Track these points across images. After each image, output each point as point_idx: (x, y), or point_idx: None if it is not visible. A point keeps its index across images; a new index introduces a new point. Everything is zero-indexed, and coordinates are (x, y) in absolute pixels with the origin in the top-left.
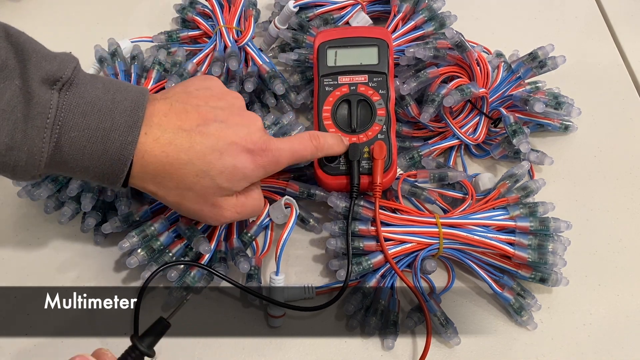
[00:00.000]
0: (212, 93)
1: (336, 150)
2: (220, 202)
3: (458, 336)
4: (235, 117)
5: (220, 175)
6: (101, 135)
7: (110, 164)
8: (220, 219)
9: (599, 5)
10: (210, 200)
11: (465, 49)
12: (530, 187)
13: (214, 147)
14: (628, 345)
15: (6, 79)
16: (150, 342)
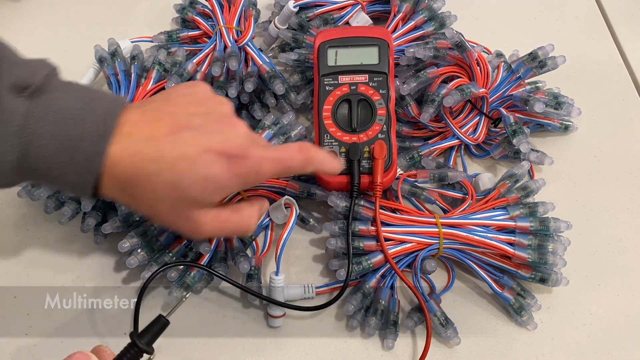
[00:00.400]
0: (193, 99)
1: (328, 168)
2: (196, 215)
3: (458, 336)
4: (214, 124)
5: (192, 187)
6: (70, 144)
7: (79, 174)
8: (198, 234)
9: (599, 5)
10: (184, 213)
11: (465, 49)
12: (530, 187)
13: (185, 156)
14: (628, 345)
15: None
16: (150, 339)
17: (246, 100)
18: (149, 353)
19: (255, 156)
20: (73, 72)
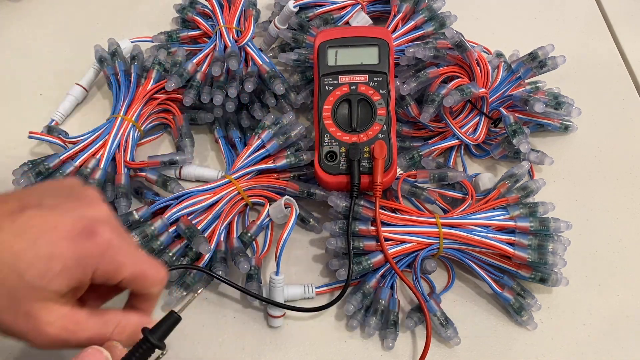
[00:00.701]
0: (57, 185)
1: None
2: (37, 311)
3: (458, 336)
4: (70, 203)
5: (30, 269)
6: None
7: None
8: (39, 338)
9: (599, 5)
10: (23, 307)
11: (465, 49)
12: (530, 187)
13: (25, 234)
14: (628, 345)
15: None
16: (161, 335)
17: (246, 100)
18: (161, 349)
19: (107, 238)
20: (73, 72)
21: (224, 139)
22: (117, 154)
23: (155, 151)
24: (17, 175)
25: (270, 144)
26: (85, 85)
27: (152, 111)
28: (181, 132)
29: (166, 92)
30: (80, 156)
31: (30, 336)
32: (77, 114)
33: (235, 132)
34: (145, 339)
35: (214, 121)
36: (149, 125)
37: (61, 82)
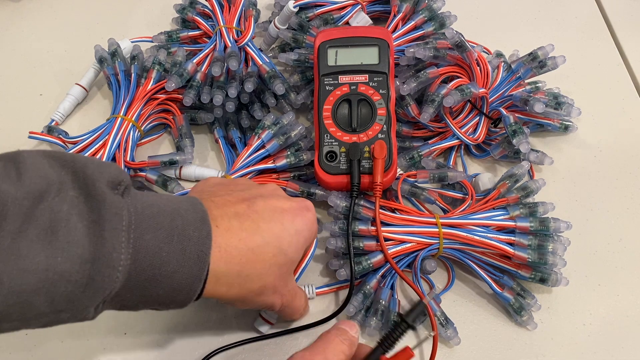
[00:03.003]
0: (229, 183)
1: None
2: (292, 281)
3: (458, 336)
4: (260, 189)
5: (290, 246)
6: (176, 233)
7: (191, 265)
8: (294, 303)
9: (599, 5)
10: (286, 280)
11: (465, 49)
12: (530, 187)
13: (272, 219)
14: (628, 345)
15: (60, 193)
16: (414, 318)
17: (246, 100)
18: (414, 329)
19: (313, 211)
20: (73, 72)
21: (224, 139)
22: (117, 154)
23: (155, 151)
24: None
25: (270, 144)
26: (85, 85)
27: (152, 111)
28: (181, 132)
29: (166, 92)
30: None
31: (277, 305)
32: (77, 114)
33: (235, 132)
34: (403, 320)
35: (214, 121)
36: (149, 125)
37: (61, 82)
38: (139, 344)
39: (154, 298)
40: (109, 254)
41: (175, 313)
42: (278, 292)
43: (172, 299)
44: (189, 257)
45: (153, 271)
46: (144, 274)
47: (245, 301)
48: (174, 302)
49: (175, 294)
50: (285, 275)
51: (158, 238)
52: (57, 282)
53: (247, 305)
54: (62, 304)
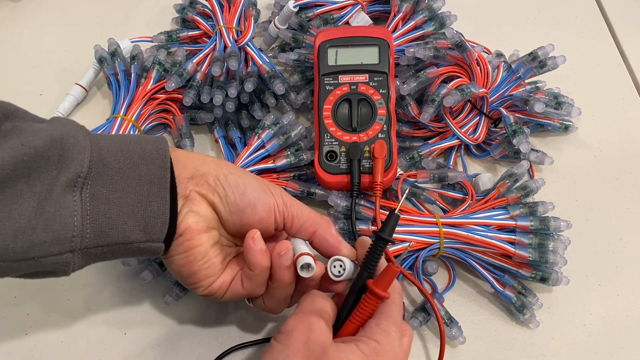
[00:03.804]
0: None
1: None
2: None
3: (463, 335)
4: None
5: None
6: (134, 141)
7: (151, 161)
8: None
9: (599, 5)
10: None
11: (465, 49)
12: (530, 186)
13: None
14: (628, 345)
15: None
16: (389, 232)
17: (246, 100)
18: (393, 242)
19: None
20: (73, 72)
21: (224, 139)
22: None
23: None
24: None
25: (270, 143)
26: (85, 85)
27: (152, 111)
28: (181, 132)
29: (166, 92)
30: None
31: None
32: (77, 114)
33: (235, 132)
34: (378, 237)
35: (214, 121)
36: (149, 125)
37: (61, 82)
38: (139, 344)
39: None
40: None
41: (175, 313)
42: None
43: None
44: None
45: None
46: (107, 173)
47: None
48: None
49: (147, 168)
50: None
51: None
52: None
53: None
54: (38, 185)
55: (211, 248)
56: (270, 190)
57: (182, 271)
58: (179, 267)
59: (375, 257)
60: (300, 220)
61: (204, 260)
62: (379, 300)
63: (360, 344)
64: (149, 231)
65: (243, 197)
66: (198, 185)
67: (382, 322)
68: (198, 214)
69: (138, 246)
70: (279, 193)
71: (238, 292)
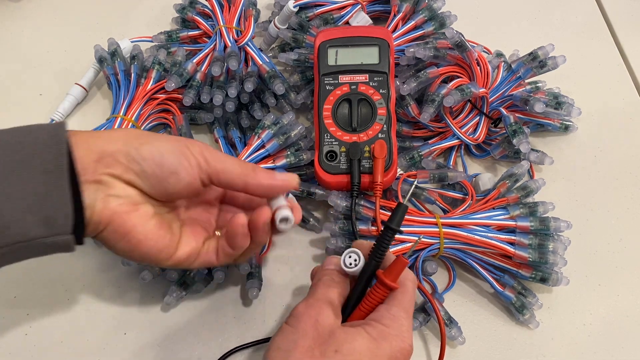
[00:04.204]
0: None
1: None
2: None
3: (462, 335)
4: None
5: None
6: (28, 131)
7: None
8: None
9: (599, 5)
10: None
11: (465, 49)
12: (530, 186)
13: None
14: (628, 345)
15: None
16: (397, 222)
17: (246, 100)
18: (401, 232)
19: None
20: (73, 72)
21: (224, 139)
22: None
23: None
24: None
25: (270, 143)
26: (85, 85)
27: (152, 111)
28: (181, 132)
29: (166, 92)
30: None
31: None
32: (77, 114)
33: (235, 132)
34: (387, 227)
35: (214, 121)
36: (149, 125)
37: (61, 82)
38: (139, 344)
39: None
40: None
41: (176, 314)
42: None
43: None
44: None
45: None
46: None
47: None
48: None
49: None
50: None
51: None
52: None
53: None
54: None
55: (150, 222)
56: (189, 149)
57: (134, 255)
58: (129, 252)
59: (383, 246)
60: (227, 176)
61: (149, 237)
62: (388, 290)
63: (368, 327)
64: (52, 225)
65: (162, 168)
66: (109, 167)
67: (392, 308)
68: (118, 196)
69: (42, 242)
70: (198, 150)
71: (210, 263)
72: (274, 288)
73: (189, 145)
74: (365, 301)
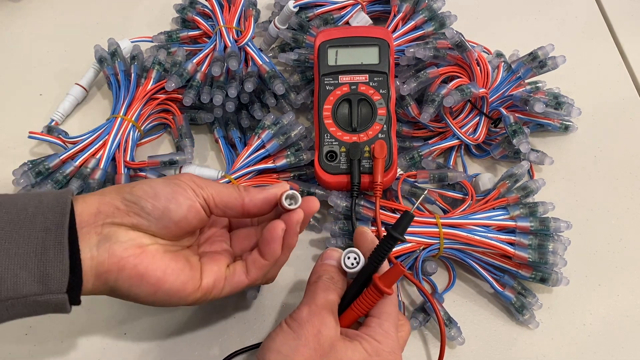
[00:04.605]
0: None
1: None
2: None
3: (462, 336)
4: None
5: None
6: (33, 195)
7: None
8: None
9: (599, 5)
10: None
11: (465, 49)
12: (530, 187)
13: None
14: (628, 345)
15: None
16: (401, 230)
17: (246, 100)
18: (403, 240)
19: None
20: (73, 72)
21: (224, 139)
22: (117, 154)
23: (155, 151)
24: (17, 175)
25: (270, 144)
26: (85, 85)
27: (152, 111)
28: (181, 132)
29: (166, 92)
30: (80, 156)
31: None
32: (77, 114)
33: (235, 132)
34: (389, 234)
35: (214, 121)
36: (149, 125)
37: (61, 82)
38: (139, 344)
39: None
40: None
41: (175, 313)
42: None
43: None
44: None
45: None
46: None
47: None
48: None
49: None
50: None
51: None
52: None
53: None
54: None
55: (163, 259)
56: (178, 178)
57: (160, 296)
58: (153, 295)
59: (384, 253)
60: (223, 199)
61: (167, 272)
62: (381, 295)
63: (365, 343)
64: (47, 282)
65: (159, 199)
66: (109, 217)
67: (384, 323)
68: (123, 241)
69: (35, 300)
70: (187, 177)
71: (241, 284)
72: (273, 288)
73: (177, 176)
74: (357, 303)
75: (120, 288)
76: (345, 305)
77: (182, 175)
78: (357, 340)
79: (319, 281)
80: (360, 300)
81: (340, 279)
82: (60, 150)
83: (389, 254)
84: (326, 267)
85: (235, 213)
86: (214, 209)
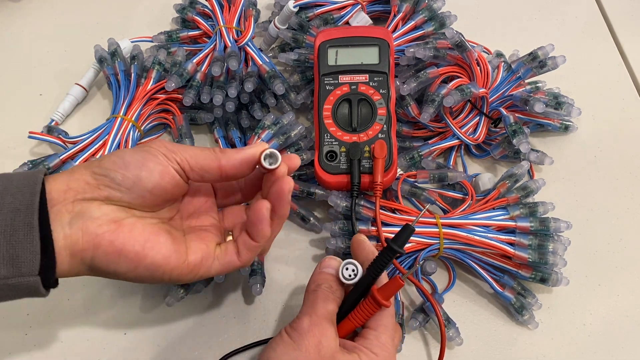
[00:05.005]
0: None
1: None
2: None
3: (460, 336)
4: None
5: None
6: (3, 176)
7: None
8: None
9: (599, 5)
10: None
11: (465, 49)
12: (530, 187)
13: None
14: (628, 345)
15: None
16: (401, 243)
17: (246, 100)
18: (402, 253)
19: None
20: (73, 72)
21: (224, 139)
22: None
23: None
24: None
25: (270, 143)
26: (85, 85)
27: (152, 111)
28: (181, 132)
29: (166, 92)
30: (80, 156)
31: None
32: (77, 114)
33: (235, 132)
34: (389, 247)
35: (214, 121)
36: (149, 125)
37: (61, 82)
38: (139, 344)
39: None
40: None
41: (175, 313)
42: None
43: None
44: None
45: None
46: None
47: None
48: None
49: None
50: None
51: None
52: None
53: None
54: None
55: (142, 233)
56: (149, 145)
57: (141, 271)
58: (134, 271)
59: (382, 265)
60: (198, 162)
61: (147, 246)
62: (379, 307)
63: (363, 355)
64: (17, 264)
65: (128, 168)
66: (80, 193)
67: (381, 336)
68: (95, 217)
69: (5, 283)
70: (158, 143)
71: (233, 263)
72: (274, 288)
73: (147, 143)
74: (355, 314)
75: (99, 266)
76: (342, 315)
77: (154, 142)
78: (355, 352)
79: (319, 290)
80: (358, 311)
81: (338, 289)
82: (61, 150)
83: (387, 266)
84: (325, 275)
85: (213, 176)
86: (190, 173)
